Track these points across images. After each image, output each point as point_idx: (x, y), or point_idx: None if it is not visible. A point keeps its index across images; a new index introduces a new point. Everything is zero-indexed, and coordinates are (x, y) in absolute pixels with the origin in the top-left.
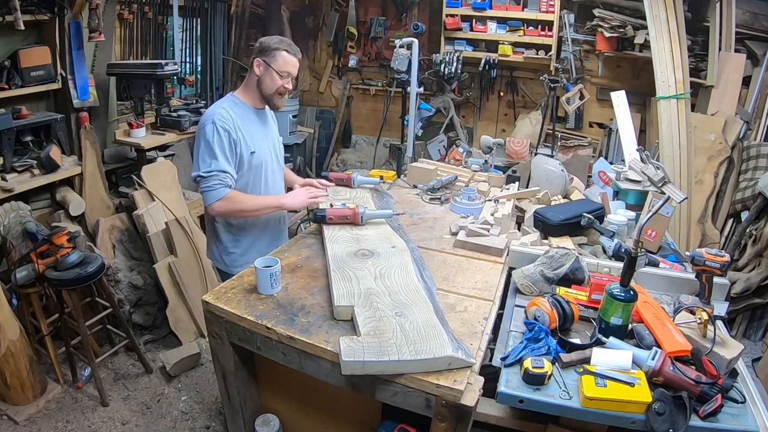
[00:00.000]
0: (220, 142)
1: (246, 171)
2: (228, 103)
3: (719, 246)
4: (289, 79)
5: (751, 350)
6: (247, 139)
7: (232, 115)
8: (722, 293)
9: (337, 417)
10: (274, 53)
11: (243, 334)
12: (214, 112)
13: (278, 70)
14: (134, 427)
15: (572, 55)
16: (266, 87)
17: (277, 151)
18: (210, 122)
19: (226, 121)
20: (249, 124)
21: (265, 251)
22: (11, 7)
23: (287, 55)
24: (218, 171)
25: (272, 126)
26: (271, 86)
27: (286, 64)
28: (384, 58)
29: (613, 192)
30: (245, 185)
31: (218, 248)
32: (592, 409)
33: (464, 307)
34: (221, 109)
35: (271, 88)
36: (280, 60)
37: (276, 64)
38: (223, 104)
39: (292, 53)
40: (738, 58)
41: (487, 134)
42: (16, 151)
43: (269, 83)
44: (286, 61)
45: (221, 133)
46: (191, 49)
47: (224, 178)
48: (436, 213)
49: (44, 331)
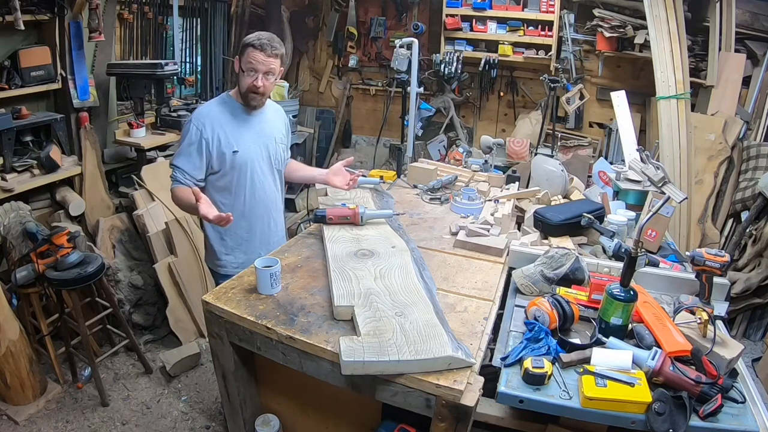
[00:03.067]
0: (189, 140)
1: (229, 169)
2: (216, 102)
3: (719, 246)
4: (258, 76)
5: (751, 350)
6: (230, 137)
7: (216, 113)
8: (722, 293)
9: (337, 417)
10: (243, 49)
11: (243, 334)
12: (199, 109)
13: (243, 66)
14: (134, 427)
15: (572, 55)
16: (240, 85)
17: (271, 151)
18: (190, 118)
19: (204, 119)
20: (234, 123)
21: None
22: (11, 7)
23: (252, 49)
24: (176, 166)
25: (271, 126)
26: (242, 84)
27: (249, 58)
28: (384, 58)
29: (613, 192)
30: (228, 184)
31: (207, 247)
32: (592, 409)
33: (464, 307)
34: (205, 107)
35: (243, 85)
36: (246, 55)
37: (243, 61)
38: (211, 102)
39: (258, 48)
40: (738, 58)
41: (487, 134)
42: (16, 151)
43: (242, 80)
44: (250, 55)
45: (193, 132)
46: (191, 49)
47: (178, 174)
48: (436, 213)
49: (44, 331)
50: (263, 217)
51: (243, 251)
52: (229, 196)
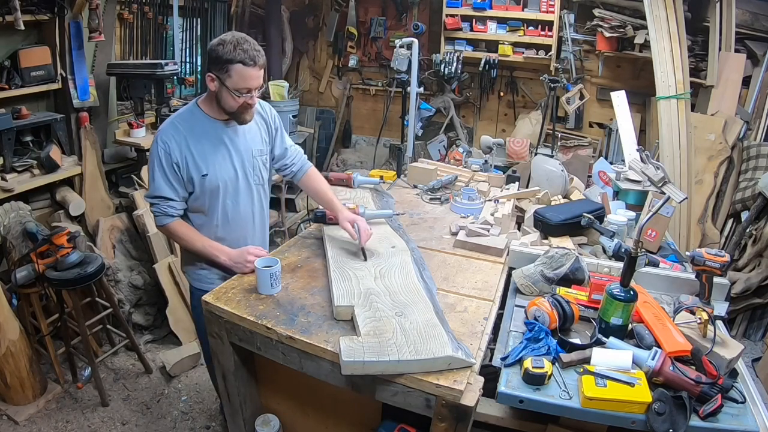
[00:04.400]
0: (160, 165)
1: (199, 194)
2: (182, 116)
3: (719, 246)
4: (252, 94)
5: (751, 350)
6: (198, 160)
7: (182, 131)
8: (722, 293)
9: (337, 417)
10: (227, 68)
11: (243, 334)
12: (163, 129)
13: (234, 88)
14: (134, 427)
15: (572, 55)
16: (227, 105)
17: (248, 168)
18: (155, 140)
19: (170, 141)
20: (205, 142)
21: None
22: (11, 7)
23: (242, 68)
24: (159, 198)
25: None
26: (229, 105)
27: (242, 80)
28: (384, 58)
29: (613, 192)
30: (201, 206)
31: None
32: (592, 409)
33: (464, 307)
34: (169, 124)
35: (230, 107)
36: (236, 76)
37: (231, 82)
38: (178, 118)
39: (249, 64)
40: (738, 58)
41: (487, 134)
42: (16, 151)
43: (228, 102)
44: (243, 76)
45: (162, 156)
46: (191, 49)
47: (165, 207)
48: (436, 213)
49: (44, 331)
50: (239, 239)
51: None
52: (203, 217)
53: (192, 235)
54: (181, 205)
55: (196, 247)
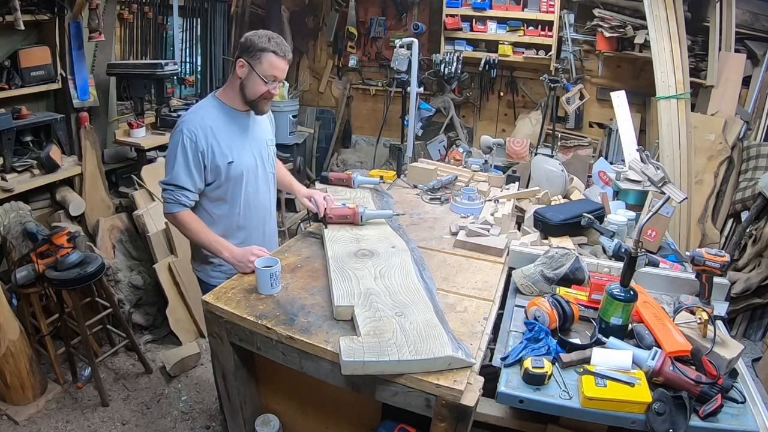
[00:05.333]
0: (184, 154)
1: (224, 181)
2: (207, 106)
3: (719, 246)
4: (276, 84)
5: (751, 350)
6: (224, 147)
7: (207, 121)
8: (722, 293)
9: (337, 417)
10: (259, 55)
11: (243, 334)
12: (187, 119)
13: (263, 74)
14: (134, 427)
15: (572, 55)
16: (249, 91)
17: (265, 156)
18: (179, 129)
19: (197, 130)
20: (228, 131)
21: None
22: (11, 7)
23: (274, 57)
24: (174, 186)
25: (261, 128)
26: (254, 91)
27: (272, 68)
28: (384, 58)
29: (613, 192)
30: (224, 194)
31: (198, 254)
32: (592, 409)
33: (464, 307)
34: (196, 115)
35: (254, 93)
36: (266, 63)
37: (261, 68)
38: (200, 109)
39: (281, 55)
40: (738, 58)
41: (487, 134)
42: (16, 151)
43: (253, 88)
44: (273, 64)
45: (186, 144)
46: (191, 49)
47: (179, 195)
48: (436, 213)
49: (44, 331)
50: (258, 226)
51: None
52: (225, 206)
53: (199, 228)
54: (194, 196)
55: (201, 240)
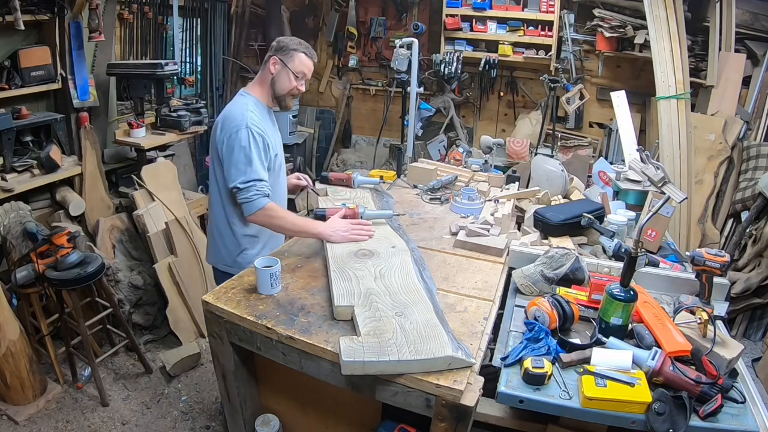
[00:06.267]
0: (257, 149)
1: (270, 174)
2: (249, 105)
3: (719, 246)
4: (303, 81)
5: (751, 350)
6: (271, 141)
7: (258, 116)
8: (722, 293)
9: (337, 417)
10: (291, 53)
11: (243, 334)
12: (245, 117)
13: (294, 70)
14: (134, 427)
15: (572, 55)
16: (280, 87)
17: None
18: (244, 127)
19: (259, 124)
20: (269, 125)
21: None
22: (11, 7)
23: (305, 57)
24: (255, 180)
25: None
26: (285, 86)
27: (302, 65)
28: (384, 58)
29: (613, 192)
30: None
31: (228, 248)
32: (592, 409)
33: (464, 307)
34: (251, 113)
35: (285, 88)
36: (297, 61)
37: (293, 65)
38: (248, 106)
39: (310, 56)
40: (738, 58)
41: (487, 134)
42: (16, 151)
43: (284, 83)
44: (303, 62)
45: (257, 139)
46: (191, 49)
47: (261, 187)
48: (436, 213)
49: (44, 331)
50: None
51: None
52: None
53: (287, 214)
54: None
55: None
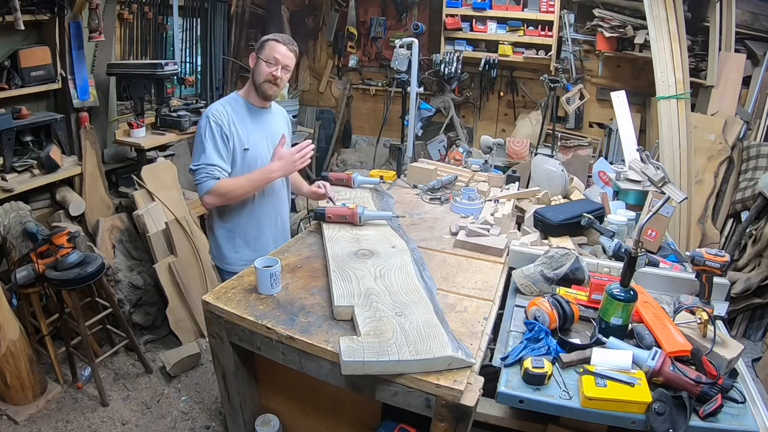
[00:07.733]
0: (212, 136)
1: (239, 167)
2: (228, 99)
3: (719, 246)
4: (278, 68)
5: (751, 350)
6: (242, 135)
7: (229, 110)
8: (722, 293)
9: (337, 417)
10: (263, 44)
11: (243, 334)
12: (211, 107)
13: (265, 58)
14: (134, 427)
15: (572, 55)
16: (257, 77)
17: None
18: (204, 116)
19: (220, 115)
20: (246, 121)
21: (262, 250)
22: (11, 7)
23: (275, 43)
24: (205, 164)
25: (277, 125)
26: (260, 75)
27: (272, 50)
28: (384, 58)
29: (613, 192)
30: None
31: (215, 244)
32: (592, 409)
33: (464, 307)
34: (218, 104)
35: (260, 76)
36: (267, 49)
37: (263, 53)
38: (222, 100)
39: (282, 42)
40: (738, 58)
41: (487, 134)
42: (16, 151)
43: (259, 72)
44: (273, 48)
45: (213, 127)
46: (191, 49)
47: (211, 170)
48: (436, 213)
49: (44, 331)
50: (271, 215)
51: (252, 249)
52: None
53: (238, 180)
54: (225, 172)
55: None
